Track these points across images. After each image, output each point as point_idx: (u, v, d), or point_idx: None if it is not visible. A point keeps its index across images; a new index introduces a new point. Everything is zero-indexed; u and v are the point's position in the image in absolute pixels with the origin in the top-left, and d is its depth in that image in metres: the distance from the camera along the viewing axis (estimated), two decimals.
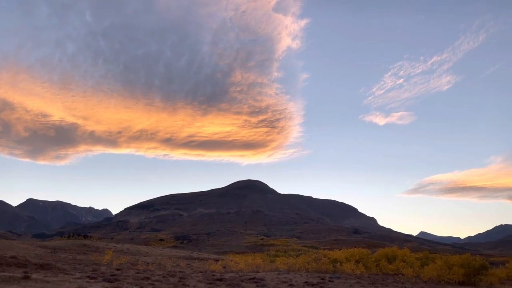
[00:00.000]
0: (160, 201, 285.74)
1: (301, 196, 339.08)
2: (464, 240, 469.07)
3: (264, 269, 27.03)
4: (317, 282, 18.30)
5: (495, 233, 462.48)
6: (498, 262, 42.28)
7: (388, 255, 29.19)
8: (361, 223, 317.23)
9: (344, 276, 22.74)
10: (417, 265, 25.76)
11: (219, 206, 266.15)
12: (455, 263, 21.35)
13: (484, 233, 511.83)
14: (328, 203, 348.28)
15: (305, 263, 27.25)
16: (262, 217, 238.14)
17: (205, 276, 19.98)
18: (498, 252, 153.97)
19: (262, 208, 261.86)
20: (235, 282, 17.20)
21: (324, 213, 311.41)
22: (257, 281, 17.91)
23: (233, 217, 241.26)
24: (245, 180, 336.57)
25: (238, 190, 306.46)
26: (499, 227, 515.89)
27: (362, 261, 27.44)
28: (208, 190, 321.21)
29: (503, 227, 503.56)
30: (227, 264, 30.45)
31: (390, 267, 26.64)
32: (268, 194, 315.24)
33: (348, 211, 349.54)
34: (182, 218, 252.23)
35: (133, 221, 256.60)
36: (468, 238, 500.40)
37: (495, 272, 22.54)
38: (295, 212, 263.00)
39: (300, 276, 21.01)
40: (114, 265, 24.58)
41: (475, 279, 20.79)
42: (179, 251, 55.09)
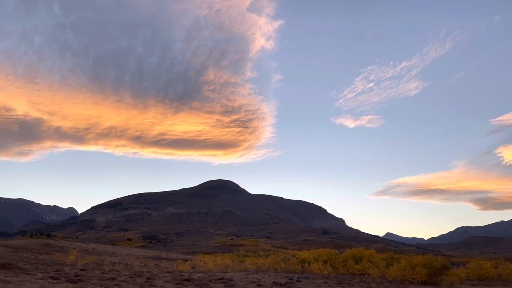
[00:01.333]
0: (129, 200, 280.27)
1: (272, 197, 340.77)
2: (428, 241, 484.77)
3: (233, 269, 26.98)
4: (285, 282, 18.43)
5: (457, 235, 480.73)
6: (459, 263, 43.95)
7: (355, 256, 29.77)
8: (330, 223, 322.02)
9: (312, 276, 23.02)
10: (383, 265, 26.40)
11: (189, 205, 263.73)
12: (418, 264, 22.01)
13: (446, 235, 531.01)
14: (298, 203, 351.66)
15: (274, 263, 27.40)
16: (232, 217, 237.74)
17: (173, 276, 19.75)
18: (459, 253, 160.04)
19: (233, 208, 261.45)
20: (203, 282, 17.09)
21: (294, 214, 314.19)
22: (225, 281, 17.86)
23: (203, 217, 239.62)
24: (216, 180, 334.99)
25: (208, 190, 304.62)
26: (460, 229, 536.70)
27: (330, 262, 27.86)
28: (178, 190, 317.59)
29: (465, 229, 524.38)
30: (196, 264, 30.20)
31: (357, 267, 27.18)
32: (239, 194, 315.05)
33: (318, 212, 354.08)
34: (151, 217, 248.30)
35: (100, 220, 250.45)
36: (431, 239, 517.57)
37: (456, 272, 23.41)
38: (265, 213, 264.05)
39: (268, 276, 21.11)
40: (79, 266, 23.90)
41: (437, 279, 21.49)
42: (147, 251, 54.21)
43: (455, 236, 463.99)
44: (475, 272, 27.89)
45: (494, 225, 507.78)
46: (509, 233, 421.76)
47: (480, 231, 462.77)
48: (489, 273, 27.89)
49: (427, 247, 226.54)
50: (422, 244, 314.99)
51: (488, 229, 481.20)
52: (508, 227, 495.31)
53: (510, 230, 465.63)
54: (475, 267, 28.39)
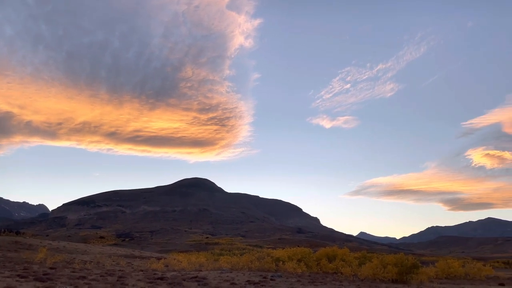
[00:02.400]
0: (102, 197, 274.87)
1: (248, 195, 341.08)
2: (400, 240, 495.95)
3: (207, 268, 26.87)
4: (259, 280, 18.49)
5: (427, 234, 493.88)
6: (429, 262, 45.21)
7: (329, 255, 30.18)
8: (305, 222, 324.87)
9: (286, 274, 23.17)
10: (356, 264, 26.86)
11: (164, 203, 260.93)
12: (389, 262, 22.49)
13: (417, 234, 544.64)
14: (274, 202, 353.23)
15: (248, 262, 27.45)
16: (208, 215, 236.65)
17: (145, 275, 19.50)
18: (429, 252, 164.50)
19: (209, 206, 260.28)
20: (176, 281, 16.95)
21: (270, 213, 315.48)
22: (199, 279, 17.77)
23: (178, 215, 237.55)
24: (192, 178, 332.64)
25: (184, 188, 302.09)
26: (431, 228, 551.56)
27: (304, 260, 28.13)
28: (153, 187, 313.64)
29: (435, 229, 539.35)
30: (170, 262, 29.93)
31: (330, 266, 27.55)
32: (215, 192, 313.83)
33: (293, 211, 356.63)
34: (124, 215, 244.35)
35: (71, 218, 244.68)
36: (403, 239, 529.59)
37: (425, 271, 24.05)
38: (241, 211, 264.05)
39: (242, 275, 21.12)
40: (48, 264, 23.28)
41: (407, 277, 22.01)
42: (120, 249, 53.35)
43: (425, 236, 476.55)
44: (443, 270, 28.76)
45: (462, 225, 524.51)
46: (476, 233, 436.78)
47: (450, 231, 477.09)
48: (457, 272, 28.80)
49: (398, 246, 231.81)
50: (394, 243, 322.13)
51: (457, 229, 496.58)
52: (476, 227, 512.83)
53: (477, 230, 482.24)
54: (444, 266, 29.27)
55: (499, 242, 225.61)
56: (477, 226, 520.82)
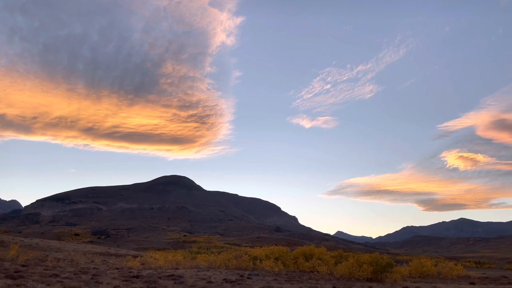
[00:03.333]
0: (78, 194, 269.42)
1: (227, 194, 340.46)
2: (376, 239, 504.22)
3: (184, 266, 26.71)
4: (236, 279, 18.50)
5: (402, 234, 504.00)
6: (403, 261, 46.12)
7: (306, 253, 30.45)
8: (283, 221, 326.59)
9: (263, 273, 23.26)
10: (332, 262, 27.18)
11: (142, 201, 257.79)
12: (365, 261, 22.85)
13: (393, 234, 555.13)
14: (253, 201, 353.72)
15: (225, 260, 27.43)
16: (186, 213, 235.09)
17: (121, 273, 19.24)
18: (403, 251, 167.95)
19: (187, 204, 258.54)
20: (152, 279, 16.78)
21: (249, 211, 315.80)
22: (175, 278, 17.64)
23: (156, 212, 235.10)
24: (171, 176, 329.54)
25: (162, 186, 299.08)
26: (405, 228, 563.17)
27: (281, 259, 28.29)
28: (130, 184, 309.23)
29: (410, 228, 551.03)
30: (146, 260, 29.61)
31: (307, 265, 27.80)
32: (194, 190, 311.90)
33: (272, 209, 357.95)
34: (101, 212, 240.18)
35: (45, 214, 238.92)
36: (379, 238, 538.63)
37: (399, 269, 24.54)
38: (220, 210, 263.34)
39: (219, 273, 21.09)
40: (20, 261, 22.69)
41: (381, 276, 22.41)
42: (95, 247, 52.47)
43: (400, 235, 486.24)
44: (417, 269, 29.38)
45: (436, 225, 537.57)
46: (449, 233, 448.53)
47: (424, 231, 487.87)
48: (430, 271, 29.48)
49: (374, 245, 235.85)
50: (370, 242, 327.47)
51: (431, 229, 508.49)
52: (449, 227, 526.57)
53: (450, 230, 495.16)
54: (417, 265, 29.90)
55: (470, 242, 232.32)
56: (450, 226, 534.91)
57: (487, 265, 72.46)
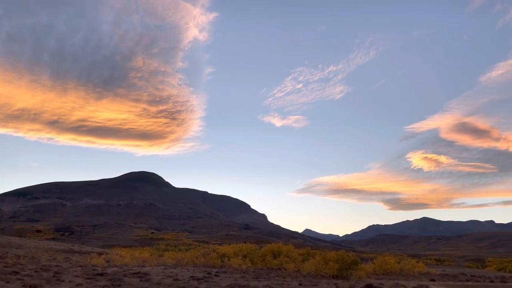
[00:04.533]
0: (40, 189, 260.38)
1: (196, 191, 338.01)
2: (343, 237, 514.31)
3: (151, 264, 26.33)
4: (203, 276, 18.40)
5: (368, 232, 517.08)
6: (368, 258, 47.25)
7: (274, 251, 30.67)
8: (253, 219, 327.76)
9: (231, 270, 23.26)
10: (299, 260, 27.51)
11: (109, 197, 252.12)
12: (331, 259, 23.26)
13: (359, 232, 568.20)
14: (223, 198, 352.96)
15: (193, 257, 27.25)
16: (154, 210, 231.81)
17: (84, 270, 18.75)
18: (369, 249, 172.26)
19: (155, 201, 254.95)
20: (117, 276, 16.44)
21: (218, 209, 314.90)
22: (141, 275, 17.35)
23: (123, 209, 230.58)
24: (139, 172, 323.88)
25: (130, 182, 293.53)
26: (371, 227, 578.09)
27: (249, 256, 28.39)
28: (97, 180, 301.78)
29: (375, 227, 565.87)
30: (112, 258, 28.99)
31: (274, 262, 28.01)
32: (162, 187, 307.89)
33: (241, 207, 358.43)
34: (65, 208, 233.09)
35: (5, 210, 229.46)
36: (345, 236, 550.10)
37: (363, 267, 25.12)
38: (189, 207, 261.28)
39: (187, 271, 20.93)
40: None
41: (347, 273, 22.87)
42: (58, 244, 50.92)
43: (366, 233, 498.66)
44: (381, 267, 30.19)
45: (400, 224, 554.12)
46: (412, 231, 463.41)
47: (388, 229, 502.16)
48: (393, 268, 30.37)
49: (341, 243, 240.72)
50: (337, 240, 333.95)
51: (395, 228, 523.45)
52: (412, 226, 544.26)
53: (413, 229, 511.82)
54: (381, 262, 30.73)
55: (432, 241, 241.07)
56: (413, 225, 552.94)
57: (447, 262, 75.38)
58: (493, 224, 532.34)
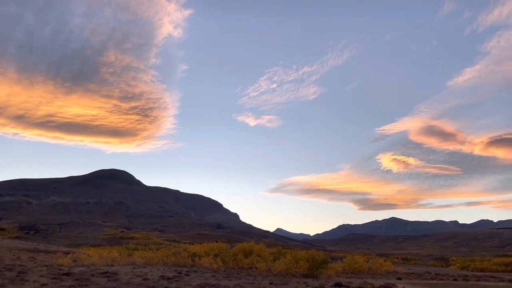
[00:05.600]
0: (4, 186, 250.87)
1: (168, 189, 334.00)
2: (313, 237, 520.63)
3: (120, 263, 25.86)
4: (173, 276, 18.24)
5: (338, 231, 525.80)
6: (338, 257, 48.08)
7: (245, 250, 30.73)
8: (225, 218, 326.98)
9: (201, 270, 23.16)
10: (270, 259, 27.67)
11: (77, 195, 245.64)
12: (302, 258, 23.53)
13: (330, 231, 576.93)
14: (195, 197, 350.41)
15: (163, 257, 26.96)
16: (124, 209, 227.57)
17: (50, 270, 18.20)
18: (339, 248, 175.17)
19: (126, 199, 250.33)
20: (84, 276, 16.05)
21: (190, 207, 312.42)
22: (109, 275, 17.01)
23: (92, 207, 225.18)
24: (109, 169, 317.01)
25: (100, 179, 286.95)
26: (341, 226, 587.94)
27: (220, 256, 28.33)
28: (65, 177, 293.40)
29: (345, 226, 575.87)
30: (79, 257, 28.27)
31: (246, 261, 28.07)
32: (133, 185, 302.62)
33: (213, 206, 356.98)
34: (30, 206, 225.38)
35: None
36: (316, 235, 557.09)
37: (333, 266, 25.55)
38: (160, 205, 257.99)
39: (157, 270, 20.68)
40: None
41: (317, 272, 23.20)
42: (23, 243, 49.21)
43: (337, 233, 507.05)
44: (350, 266, 30.80)
45: (369, 224, 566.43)
46: (381, 231, 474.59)
47: (358, 229, 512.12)
48: (362, 267, 31.04)
49: (312, 242, 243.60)
50: (308, 239, 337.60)
51: (364, 227, 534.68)
52: (381, 226, 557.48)
53: (382, 229, 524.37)
54: (350, 261, 31.36)
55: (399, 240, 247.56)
56: (382, 225, 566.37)
57: (413, 261, 77.60)
58: (457, 224, 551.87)
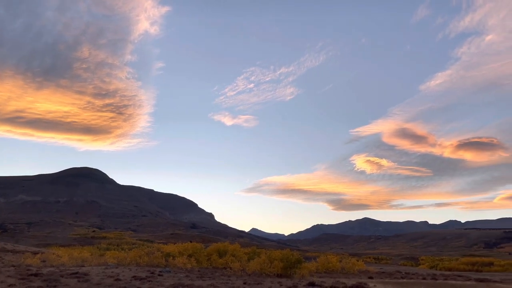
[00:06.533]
0: None
1: (142, 189, 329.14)
2: (288, 236, 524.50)
3: (90, 263, 25.32)
4: (146, 276, 18.01)
5: (313, 231, 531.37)
6: (311, 257, 48.56)
7: (220, 250, 30.63)
8: (200, 218, 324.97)
9: (175, 270, 22.95)
10: (245, 259, 27.68)
11: (47, 193, 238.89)
12: (276, 258, 23.64)
13: (304, 231, 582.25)
14: (169, 197, 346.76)
15: (136, 257, 26.57)
16: (97, 208, 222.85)
17: (17, 270, 17.65)
18: (313, 248, 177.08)
19: (98, 198, 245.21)
20: (53, 277, 15.65)
21: (165, 207, 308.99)
22: (79, 276, 16.64)
23: (62, 206, 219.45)
24: (81, 168, 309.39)
25: (71, 178, 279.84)
26: (316, 226, 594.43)
27: (194, 256, 28.13)
28: (34, 175, 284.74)
29: (319, 226, 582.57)
30: (48, 257, 27.51)
31: (220, 261, 27.98)
32: (106, 184, 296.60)
33: (188, 206, 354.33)
34: None
35: None
36: (291, 235, 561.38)
37: (307, 265, 25.78)
38: (134, 205, 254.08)
39: (129, 270, 20.37)
40: None
41: (291, 271, 23.36)
42: None
43: (311, 233, 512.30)
44: (323, 265, 31.14)
45: (343, 224, 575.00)
46: (354, 231, 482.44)
47: (332, 229, 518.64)
48: (335, 267, 31.44)
49: (286, 242, 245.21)
50: (282, 239, 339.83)
51: (338, 227, 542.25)
52: (354, 226, 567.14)
53: (355, 229, 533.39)
54: (324, 261, 31.71)
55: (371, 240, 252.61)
56: (355, 225, 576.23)
57: (385, 260, 79.24)
58: (427, 225, 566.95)
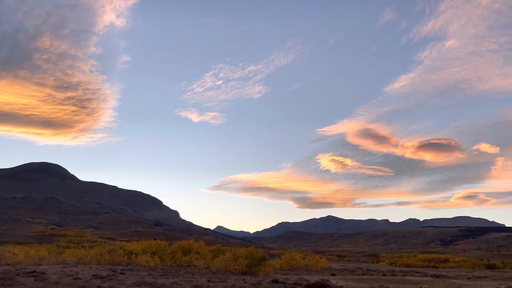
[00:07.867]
0: None
1: (104, 185, 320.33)
2: (253, 234, 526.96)
3: (48, 262, 24.46)
4: (107, 274, 17.56)
5: (278, 229, 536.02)
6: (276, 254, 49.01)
7: (184, 248, 30.37)
8: (164, 215, 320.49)
9: (138, 268, 22.54)
10: (210, 257, 27.57)
11: (2, 189, 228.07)
12: (241, 255, 23.68)
13: (269, 229, 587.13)
14: (133, 194, 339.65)
15: (97, 255, 25.92)
16: (56, 204, 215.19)
17: None
18: (278, 246, 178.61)
19: (58, 195, 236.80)
20: (8, 276, 14.97)
21: (128, 204, 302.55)
22: (36, 274, 16.01)
23: (19, 203, 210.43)
24: (40, 163, 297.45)
25: (29, 173, 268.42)
26: (281, 224, 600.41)
27: (158, 253, 27.75)
28: None
29: (285, 224, 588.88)
30: (3, 255, 26.39)
31: (184, 259, 27.75)
32: (67, 180, 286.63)
33: (153, 203, 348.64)
34: None
35: None
36: (256, 233, 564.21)
37: (271, 263, 26.02)
38: (96, 202, 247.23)
39: (89, 269, 19.81)
40: None
41: (255, 269, 23.47)
42: None
43: (276, 230, 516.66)
44: (287, 262, 31.50)
45: (307, 222, 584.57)
46: (318, 229, 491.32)
47: (297, 227, 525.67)
48: (299, 264, 31.88)
49: (252, 240, 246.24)
50: (248, 237, 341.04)
51: (303, 225, 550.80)
52: (318, 224, 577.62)
53: (319, 226, 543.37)
54: (288, 258, 32.09)
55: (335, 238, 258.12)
56: (319, 222, 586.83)
57: (347, 258, 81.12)
58: (387, 223, 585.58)
